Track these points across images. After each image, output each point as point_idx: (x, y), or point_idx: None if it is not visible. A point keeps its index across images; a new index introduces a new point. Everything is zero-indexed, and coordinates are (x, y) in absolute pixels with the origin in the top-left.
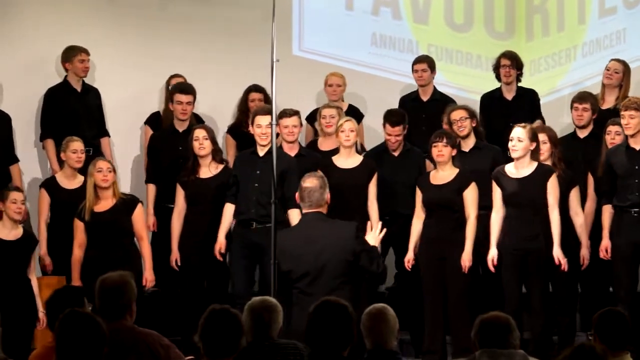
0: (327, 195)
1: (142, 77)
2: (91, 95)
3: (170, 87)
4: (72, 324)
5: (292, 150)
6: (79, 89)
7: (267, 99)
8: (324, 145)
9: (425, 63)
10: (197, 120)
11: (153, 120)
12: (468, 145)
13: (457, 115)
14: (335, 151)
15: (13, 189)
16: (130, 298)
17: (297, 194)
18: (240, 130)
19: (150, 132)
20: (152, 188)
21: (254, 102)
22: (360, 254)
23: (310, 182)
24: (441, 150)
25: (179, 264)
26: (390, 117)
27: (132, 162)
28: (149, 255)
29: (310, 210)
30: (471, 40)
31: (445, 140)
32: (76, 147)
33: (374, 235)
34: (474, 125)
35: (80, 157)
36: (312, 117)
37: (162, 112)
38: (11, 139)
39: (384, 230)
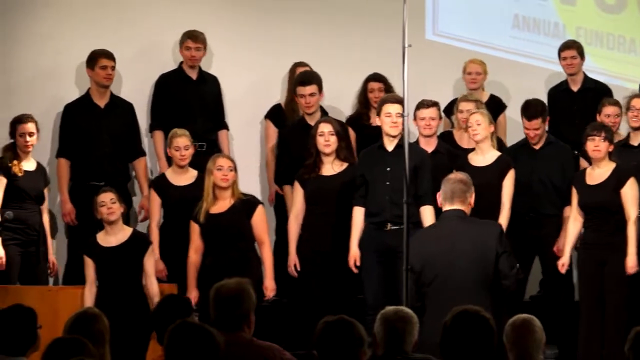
0: (471, 195)
1: (262, 64)
2: (208, 85)
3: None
4: (183, 336)
5: (428, 146)
6: (194, 77)
7: (388, 89)
8: (462, 140)
9: (574, 49)
10: (322, 113)
11: (275, 114)
12: (637, 139)
13: (608, 111)
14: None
15: (101, 191)
16: (248, 308)
17: (438, 193)
18: (360, 122)
19: (272, 127)
20: (287, 190)
21: (372, 92)
22: (500, 256)
23: (454, 175)
24: (598, 145)
25: (298, 269)
26: (527, 111)
27: (251, 160)
28: (270, 261)
29: (450, 207)
30: (624, 22)
31: (603, 134)
32: (179, 143)
33: None
34: None
35: (183, 155)
36: (450, 109)
37: (284, 105)
38: (134, 131)
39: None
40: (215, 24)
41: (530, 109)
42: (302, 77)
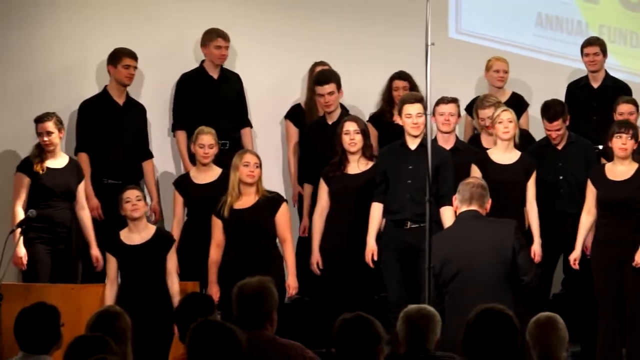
0: (488, 201)
1: (284, 62)
2: (230, 83)
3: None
4: (205, 334)
5: (447, 143)
6: (215, 76)
7: (413, 87)
8: (487, 142)
9: (597, 46)
10: (343, 110)
11: (294, 114)
12: None
13: (622, 109)
14: None
15: (127, 188)
16: (271, 306)
17: (454, 197)
18: (382, 120)
19: (293, 127)
20: (307, 188)
21: (397, 90)
22: (518, 252)
23: (474, 179)
24: (625, 143)
25: (321, 267)
26: (547, 112)
27: (272, 158)
28: (292, 260)
29: (467, 208)
30: None
31: (631, 132)
32: (204, 140)
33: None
34: None
35: (207, 153)
36: (471, 108)
37: (304, 104)
38: (145, 133)
39: None
40: (236, 22)
41: (550, 110)
42: (320, 77)
